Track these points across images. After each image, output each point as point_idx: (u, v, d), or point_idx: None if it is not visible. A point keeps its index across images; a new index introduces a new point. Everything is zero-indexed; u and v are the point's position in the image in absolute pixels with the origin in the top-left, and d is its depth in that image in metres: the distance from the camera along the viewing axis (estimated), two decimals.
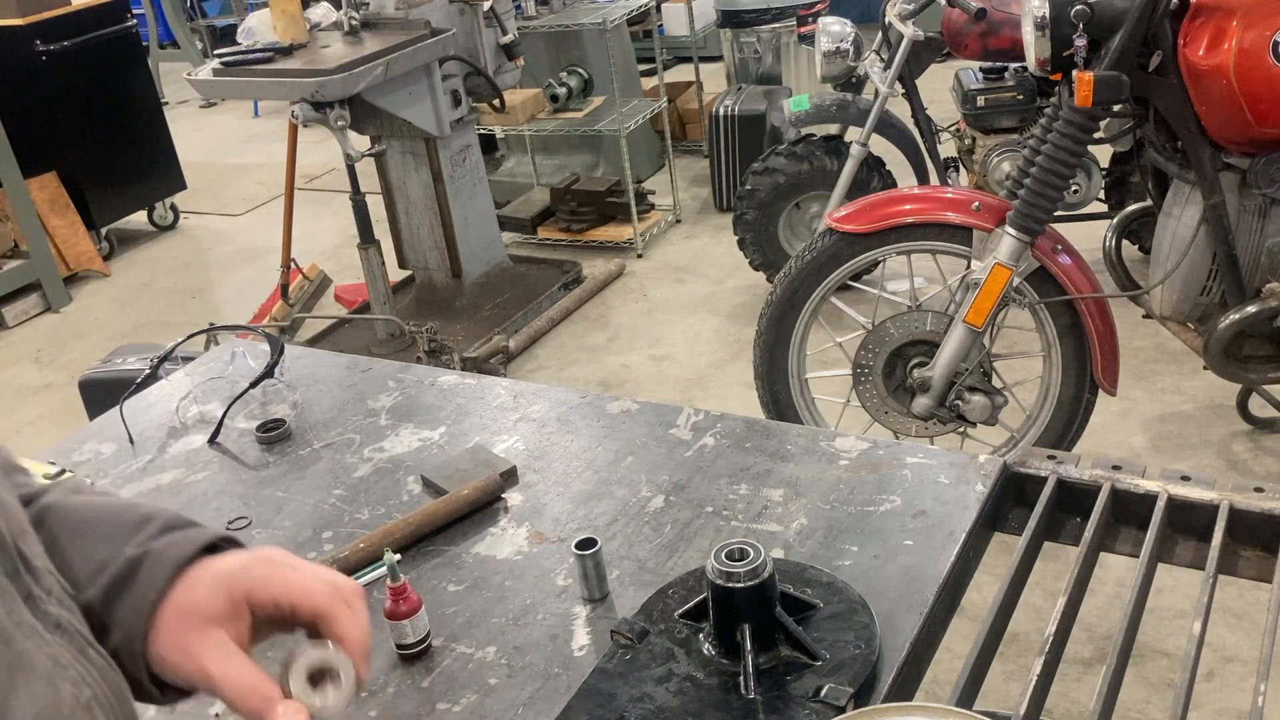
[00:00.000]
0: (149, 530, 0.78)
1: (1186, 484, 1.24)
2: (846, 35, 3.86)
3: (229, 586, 0.76)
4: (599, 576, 1.21)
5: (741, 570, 1.02)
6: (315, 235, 5.49)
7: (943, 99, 4.39)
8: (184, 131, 6.95)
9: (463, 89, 4.18)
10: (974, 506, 1.25)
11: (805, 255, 2.87)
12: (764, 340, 2.96)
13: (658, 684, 1.04)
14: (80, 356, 4.56)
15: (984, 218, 2.66)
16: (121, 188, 5.57)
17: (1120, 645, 1.06)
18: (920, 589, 1.14)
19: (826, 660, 1.03)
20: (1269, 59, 2.39)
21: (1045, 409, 2.84)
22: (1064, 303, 2.70)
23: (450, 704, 1.09)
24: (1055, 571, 1.39)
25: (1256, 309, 2.62)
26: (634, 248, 4.84)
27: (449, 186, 4.24)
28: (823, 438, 1.43)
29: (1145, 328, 3.57)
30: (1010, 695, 1.16)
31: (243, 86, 3.95)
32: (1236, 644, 2.43)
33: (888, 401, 2.87)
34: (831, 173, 3.91)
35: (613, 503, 1.36)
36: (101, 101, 5.41)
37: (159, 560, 0.76)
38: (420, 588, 1.22)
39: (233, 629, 0.76)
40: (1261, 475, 3.03)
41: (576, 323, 4.36)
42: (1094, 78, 2.41)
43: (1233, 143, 2.52)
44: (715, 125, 4.91)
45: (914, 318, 2.82)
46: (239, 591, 0.76)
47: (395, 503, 1.42)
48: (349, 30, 3.92)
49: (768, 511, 1.30)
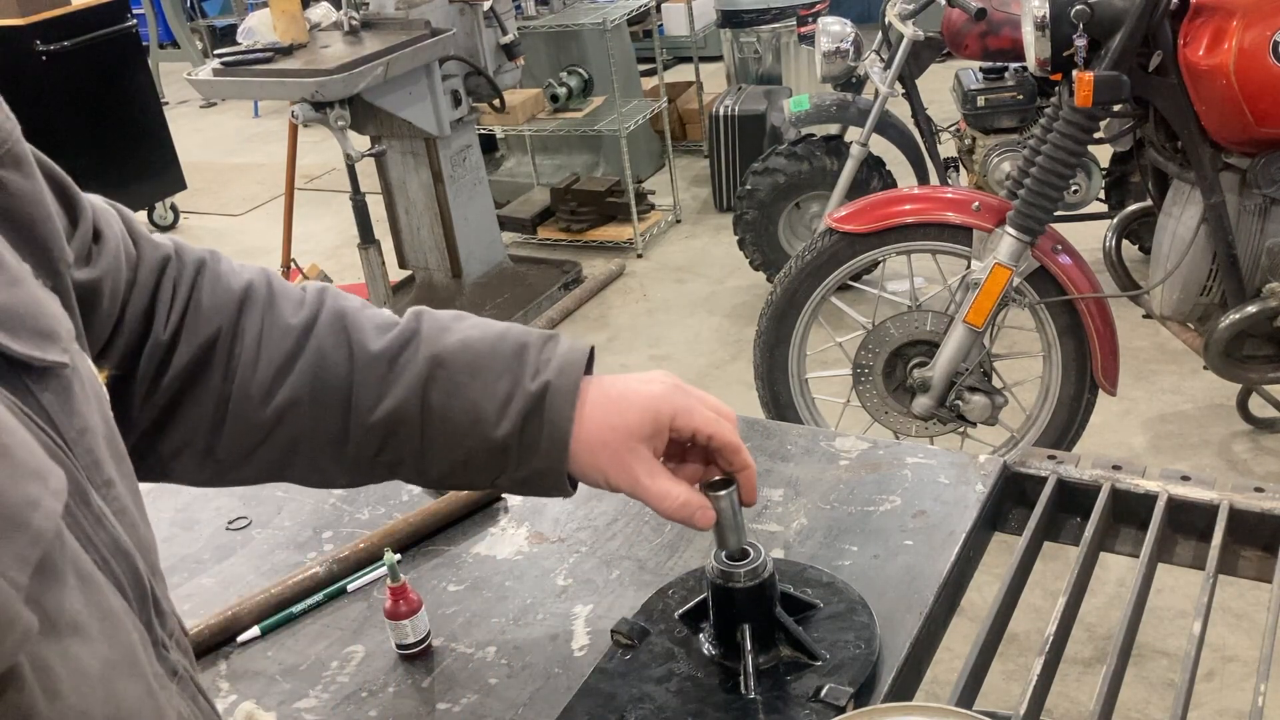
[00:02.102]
0: (532, 358, 0.86)
1: (1186, 484, 1.24)
2: (846, 35, 3.86)
3: (657, 411, 0.87)
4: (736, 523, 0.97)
5: (741, 570, 1.02)
6: (315, 235, 5.49)
7: (943, 99, 4.39)
8: (184, 131, 6.95)
9: (463, 89, 4.18)
10: (974, 506, 1.25)
11: (805, 255, 2.87)
12: (764, 340, 2.96)
13: (658, 684, 1.04)
14: None
15: (984, 218, 2.66)
16: (121, 188, 5.55)
17: (1120, 645, 1.06)
18: (920, 589, 1.14)
19: (826, 660, 1.03)
20: (1269, 59, 2.39)
21: (1045, 409, 2.84)
22: (1064, 303, 2.70)
23: (450, 704, 1.09)
24: (1055, 571, 1.38)
25: (1256, 309, 2.62)
26: (634, 248, 4.84)
27: (449, 186, 4.24)
28: (823, 438, 1.43)
29: (1145, 328, 3.57)
30: (1010, 695, 1.16)
31: (243, 86, 3.95)
32: (1236, 644, 2.43)
33: (888, 401, 2.87)
34: (831, 173, 3.91)
35: (613, 502, 1.36)
36: (101, 101, 5.41)
37: (560, 388, 0.85)
38: (420, 588, 1.22)
39: (652, 446, 0.87)
40: (1261, 475, 3.03)
41: (576, 323, 4.36)
42: (1094, 78, 2.41)
43: (1233, 143, 2.52)
44: (715, 125, 4.91)
45: (914, 318, 2.82)
46: (665, 416, 0.87)
47: (395, 503, 1.42)
48: (349, 30, 3.92)
49: (768, 511, 1.30)
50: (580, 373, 0.87)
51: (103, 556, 0.59)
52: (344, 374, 0.84)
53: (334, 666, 1.16)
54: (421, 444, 0.86)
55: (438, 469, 0.88)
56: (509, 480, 0.88)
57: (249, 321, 0.84)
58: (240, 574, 1.32)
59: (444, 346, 0.86)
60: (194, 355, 0.83)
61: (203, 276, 0.84)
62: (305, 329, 0.85)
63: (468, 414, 0.84)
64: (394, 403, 0.84)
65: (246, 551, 1.36)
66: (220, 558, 1.36)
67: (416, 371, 0.84)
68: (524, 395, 0.85)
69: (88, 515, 0.58)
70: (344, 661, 1.17)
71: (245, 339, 0.84)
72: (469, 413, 0.84)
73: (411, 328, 0.87)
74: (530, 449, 0.85)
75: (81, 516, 0.58)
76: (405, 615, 1.14)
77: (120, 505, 0.62)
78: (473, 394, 0.85)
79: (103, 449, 0.62)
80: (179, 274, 0.84)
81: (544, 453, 0.85)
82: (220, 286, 0.84)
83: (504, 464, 0.86)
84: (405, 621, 1.14)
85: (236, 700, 1.13)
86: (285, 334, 0.84)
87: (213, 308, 0.83)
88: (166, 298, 0.83)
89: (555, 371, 0.86)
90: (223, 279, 0.85)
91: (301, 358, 0.84)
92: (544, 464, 0.86)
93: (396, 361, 0.85)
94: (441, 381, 0.84)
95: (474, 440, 0.85)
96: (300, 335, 0.84)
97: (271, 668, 1.17)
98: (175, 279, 0.84)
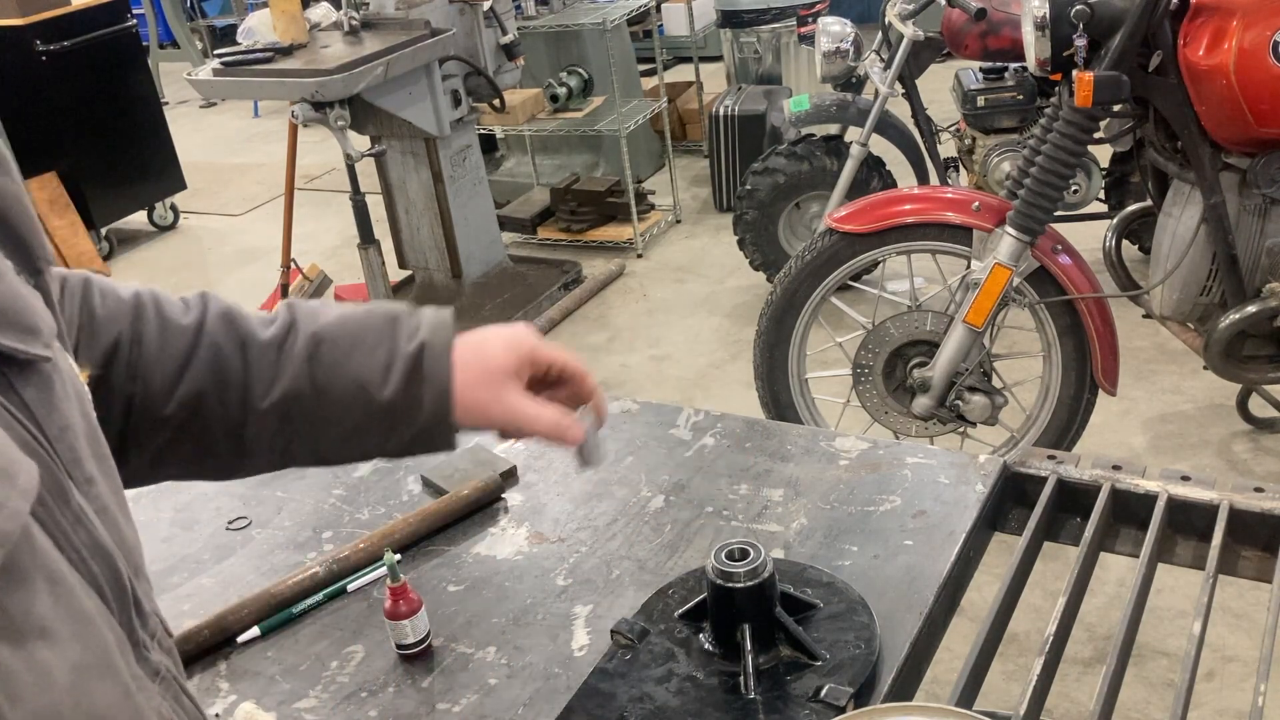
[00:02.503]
0: (405, 324, 0.93)
1: (1186, 484, 1.24)
2: (846, 35, 3.86)
3: (518, 345, 0.96)
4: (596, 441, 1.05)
5: (741, 570, 1.02)
6: (315, 235, 5.49)
7: (943, 99, 4.39)
8: (184, 131, 6.95)
9: (463, 89, 4.18)
10: (974, 506, 1.26)
11: (805, 255, 2.87)
12: (764, 340, 2.96)
13: (658, 684, 1.04)
14: None
15: (984, 218, 2.66)
16: (121, 188, 5.57)
17: (1120, 645, 1.06)
18: (920, 589, 1.14)
19: (826, 660, 1.03)
20: (1269, 59, 2.39)
21: (1045, 409, 2.84)
22: (1064, 303, 2.70)
23: (450, 704, 1.09)
24: (1055, 571, 1.39)
25: (1256, 309, 2.62)
26: (634, 248, 4.84)
27: (449, 186, 4.24)
28: (823, 438, 1.43)
29: (1145, 328, 3.57)
30: (1010, 695, 1.16)
31: (243, 86, 3.95)
32: (1236, 644, 2.43)
33: (888, 401, 2.87)
34: (831, 173, 3.91)
35: (613, 503, 1.36)
36: (101, 101, 5.40)
37: (434, 346, 0.92)
38: (420, 588, 1.22)
39: (519, 380, 0.95)
40: (1261, 475, 3.03)
41: (576, 323, 4.36)
42: (1094, 78, 2.41)
43: (1233, 143, 2.52)
44: (715, 125, 4.91)
45: (914, 318, 2.82)
46: (526, 349, 0.96)
47: (395, 503, 1.42)
48: (349, 30, 3.92)
49: (768, 511, 1.30)
50: (451, 331, 0.94)
51: (80, 556, 0.59)
52: (239, 365, 0.89)
53: (334, 666, 1.16)
54: (315, 420, 0.91)
55: (329, 443, 0.93)
56: (397, 444, 0.93)
57: (145, 326, 0.88)
58: (240, 574, 1.32)
59: (321, 325, 0.92)
60: (97, 362, 0.85)
61: (91, 291, 0.87)
62: (197, 328, 0.89)
63: (353, 383, 0.90)
64: (286, 383, 0.89)
65: (246, 551, 1.36)
66: (220, 558, 1.36)
67: (301, 352, 0.90)
68: (403, 357, 0.91)
69: (66, 513, 0.59)
70: (344, 661, 1.17)
71: (145, 341, 0.87)
72: (354, 381, 0.90)
73: (289, 317, 0.93)
74: (415, 406, 0.91)
75: (60, 515, 0.58)
76: (405, 615, 1.14)
77: (101, 504, 0.63)
78: (355, 364, 0.90)
79: (84, 446, 0.63)
80: (68, 290, 0.86)
81: (429, 407, 0.91)
82: (110, 299, 0.88)
83: (393, 426, 0.92)
84: (405, 621, 1.14)
85: (236, 700, 1.13)
86: (180, 333, 0.89)
87: (108, 318, 0.86)
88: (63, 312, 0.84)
89: (428, 332, 0.92)
90: (109, 293, 0.88)
91: (198, 354, 0.89)
92: (430, 419, 0.91)
93: (283, 347, 0.90)
94: (324, 357, 0.90)
95: (361, 408, 0.90)
96: (194, 333, 0.89)
97: (271, 668, 1.17)
98: (68, 295, 0.85)
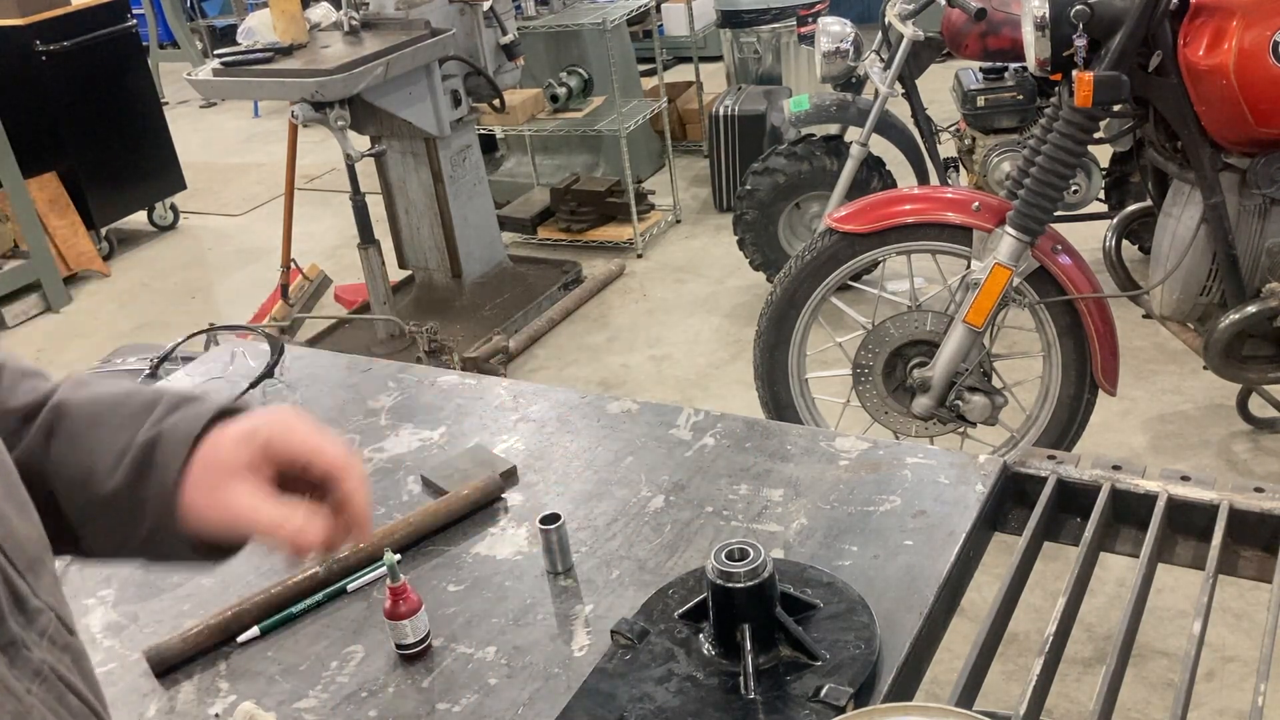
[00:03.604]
0: (158, 412, 0.80)
1: (1186, 484, 1.24)
2: (846, 35, 3.86)
3: (249, 438, 0.80)
4: (563, 550, 1.25)
5: (741, 570, 1.02)
6: (315, 235, 5.49)
7: (943, 99, 4.39)
8: (184, 131, 6.95)
9: (463, 89, 4.18)
10: (974, 506, 1.26)
11: (805, 255, 2.87)
12: (764, 340, 2.96)
13: (658, 684, 1.04)
14: (80, 357, 4.56)
15: (984, 218, 2.66)
16: (121, 188, 5.57)
17: (1120, 645, 1.06)
18: (920, 589, 1.14)
19: (826, 660, 1.03)
20: (1269, 59, 2.39)
21: (1045, 409, 2.84)
22: (1064, 303, 2.70)
23: (450, 704, 1.09)
24: (1055, 571, 1.39)
25: (1256, 309, 2.62)
26: (634, 248, 4.84)
27: (449, 186, 4.24)
28: (823, 438, 1.43)
29: (1145, 328, 3.57)
30: (1010, 695, 1.16)
31: (243, 86, 3.95)
32: (1236, 644, 2.43)
33: (888, 401, 2.87)
34: (831, 173, 3.91)
35: (613, 503, 1.36)
36: (101, 101, 5.40)
37: (172, 438, 0.79)
38: (420, 588, 1.22)
39: (257, 478, 0.80)
40: (1261, 475, 3.03)
41: (576, 323, 4.36)
42: (1094, 78, 2.41)
43: (1233, 143, 2.52)
44: (715, 125, 4.91)
45: (914, 318, 2.82)
46: (259, 442, 0.80)
47: (395, 503, 1.42)
48: (349, 30, 3.92)
49: (768, 511, 1.30)
50: (202, 420, 0.80)
51: None
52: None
53: (334, 666, 1.16)
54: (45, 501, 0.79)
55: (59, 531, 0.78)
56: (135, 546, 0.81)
57: None
58: (240, 574, 1.32)
59: (71, 398, 0.82)
60: None
61: None
62: None
63: (81, 466, 0.79)
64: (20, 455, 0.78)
65: (246, 551, 1.36)
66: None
67: (41, 423, 0.81)
68: (136, 446, 0.79)
69: None
70: (344, 661, 1.17)
71: None
72: (82, 465, 0.79)
73: (52, 386, 0.84)
74: (140, 504, 0.78)
75: None
76: (405, 615, 1.14)
77: None
78: (89, 445, 0.79)
79: None
80: None
81: (152, 508, 0.78)
82: None
83: (121, 525, 0.79)
84: (405, 622, 1.14)
85: (236, 700, 1.13)
86: None
87: None
88: None
89: (175, 420, 0.80)
90: None
91: None
92: (154, 520, 0.79)
93: (31, 416, 0.81)
94: (62, 433, 0.80)
95: (85, 496, 0.79)
96: None
97: (271, 668, 1.17)
98: None
